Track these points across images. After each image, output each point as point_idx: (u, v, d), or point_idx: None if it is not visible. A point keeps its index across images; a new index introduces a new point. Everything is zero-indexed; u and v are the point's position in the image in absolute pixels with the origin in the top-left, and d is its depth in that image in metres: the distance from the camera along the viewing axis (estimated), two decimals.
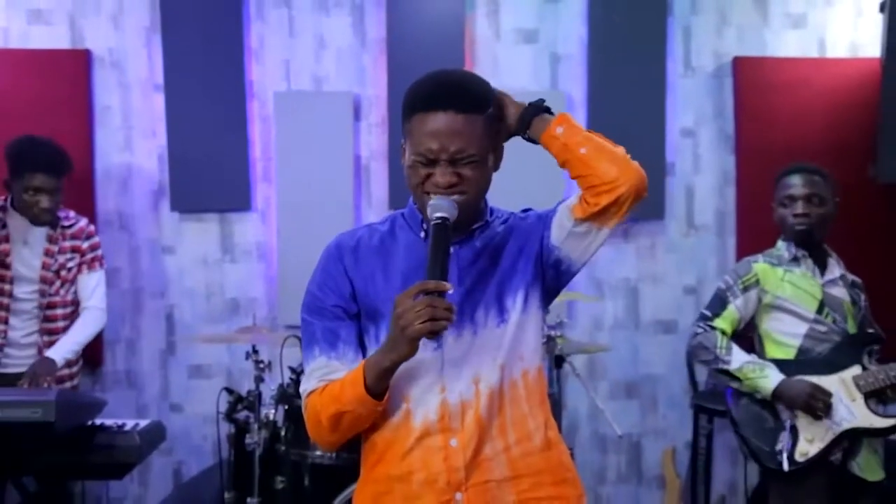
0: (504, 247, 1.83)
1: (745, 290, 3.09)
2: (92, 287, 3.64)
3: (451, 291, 1.61)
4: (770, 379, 2.97)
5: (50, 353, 3.50)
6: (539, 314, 1.83)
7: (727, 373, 3.03)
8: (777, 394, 2.96)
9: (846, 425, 2.95)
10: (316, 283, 1.83)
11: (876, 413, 2.99)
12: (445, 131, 1.68)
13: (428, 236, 1.75)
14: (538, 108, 1.80)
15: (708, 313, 3.12)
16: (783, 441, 2.96)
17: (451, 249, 1.73)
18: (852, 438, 2.98)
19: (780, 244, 3.18)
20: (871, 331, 3.13)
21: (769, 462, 2.99)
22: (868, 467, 3.01)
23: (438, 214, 1.67)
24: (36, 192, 3.44)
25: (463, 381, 1.75)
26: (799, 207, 3.07)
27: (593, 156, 1.75)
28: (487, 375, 1.75)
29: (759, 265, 3.12)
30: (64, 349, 3.53)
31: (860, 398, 2.98)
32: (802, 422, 2.96)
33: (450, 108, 1.69)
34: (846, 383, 3.00)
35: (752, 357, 3.05)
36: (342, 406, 1.70)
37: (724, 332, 3.07)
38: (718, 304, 3.12)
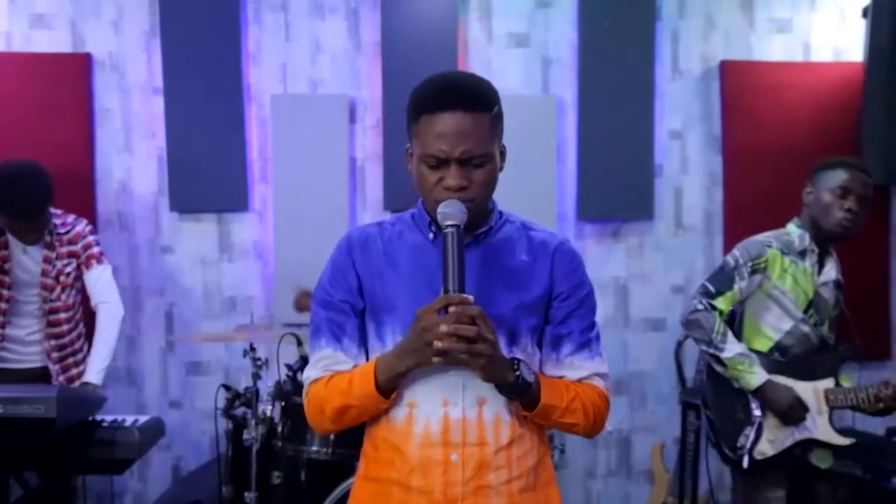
0: (531, 274, 1.81)
1: (753, 272, 3.01)
2: (94, 284, 3.66)
3: (471, 302, 1.61)
4: (757, 376, 2.97)
5: (87, 377, 3.56)
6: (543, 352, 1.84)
7: (716, 357, 3.02)
8: (758, 392, 2.98)
9: (806, 435, 3.01)
10: (326, 276, 1.85)
11: (835, 430, 3.03)
12: (454, 131, 1.67)
13: (437, 237, 1.77)
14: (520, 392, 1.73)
15: (711, 289, 3.03)
16: (747, 436, 3.00)
17: None
18: (808, 444, 3.04)
19: (794, 230, 3.08)
20: (844, 346, 3.13)
21: (730, 452, 3.04)
22: (821, 458, 3.06)
23: (450, 223, 1.66)
24: (13, 228, 3.51)
25: (467, 400, 1.75)
26: (854, 204, 2.97)
27: (557, 429, 1.87)
28: (493, 401, 1.75)
29: (773, 251, 3.02)
30: (97, 369, 3.58)
31: (826, 412, 3.02)
32: (770, 422, 3.00)
33: (457, 108, 1.68)
34: (818, 395, 3.03)
35: (744, 348, 3.02)
36: (349, 400, 1.75)
37: (721, 313, 3.02)
38: (725, 281, 3.03)
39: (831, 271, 3.11)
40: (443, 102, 1.70)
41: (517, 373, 1.68)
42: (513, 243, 1.84)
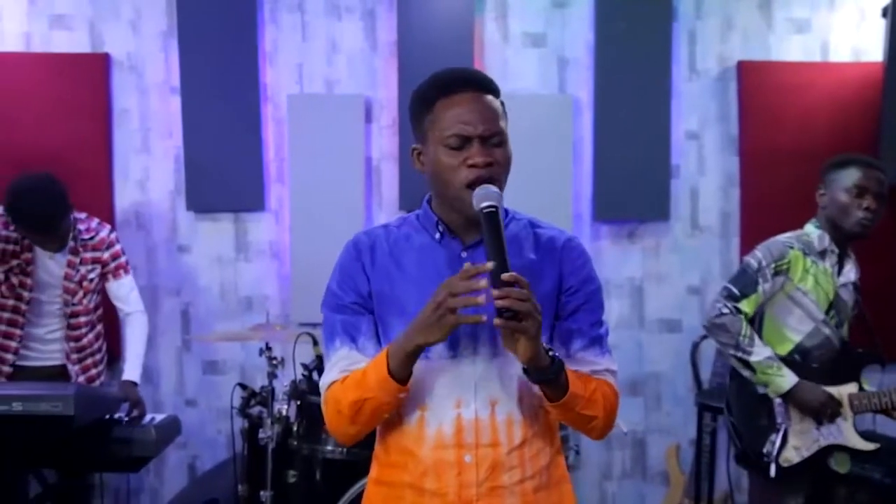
0: (540, 271, 1.79)
1: (776, 274, 2.98)
2: (125, 293, 3.71)
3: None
4: (786, 379, 2.93)
5: (127, 376, 3.60)
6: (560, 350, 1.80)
7: (744, 361, 2.97)
8: (789, 394, 2.94)
9: (832, 441, 2.98)
10: (335, 281, 1.83)
11: (860, 435, 3.01)
12: (475, 109, 1.70)
13: (443, 238, 1.78)
14: (550, 379, 1.68)
15: (736, 292, 2.99)
16: (773, 442, 2.97)
17: (464, 254, 1.77)
18: (828, 449, 3.01)
19: (813, 231, 3.05)
20: (866, 349, 3.10)
21: (755, 459, 3.01)
22: (840, 463, 3.03)
23: (487, 203, 1.64)
24: (32, 240, 3.54)
25: (479, 401, 1.74)
26: (871, 202, 2.94)
27: (575, 428, 1.83)
28: (505, 402, 1.75)
29: (795, 252, 2.99)
30: (135, 367, 3.63)
31: (850, 418, 3.00)
32: (795, 428, 2.98)
33: (473, 89, 1.73)
34: (842, 400, 3.01)
35: (771, 351, 2.98)
36: (364, 392, 1.70)
37: (746, 316, 2.97)
38: (749, 284, 2.98)
39: (850, 273, 3.09)
40: (459, 84, 1.73)
41: (551, 353, 1.66)
42: (520, 241, 1.82)
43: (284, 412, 3.35)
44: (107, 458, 3.20)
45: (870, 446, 2.99)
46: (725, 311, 2.98)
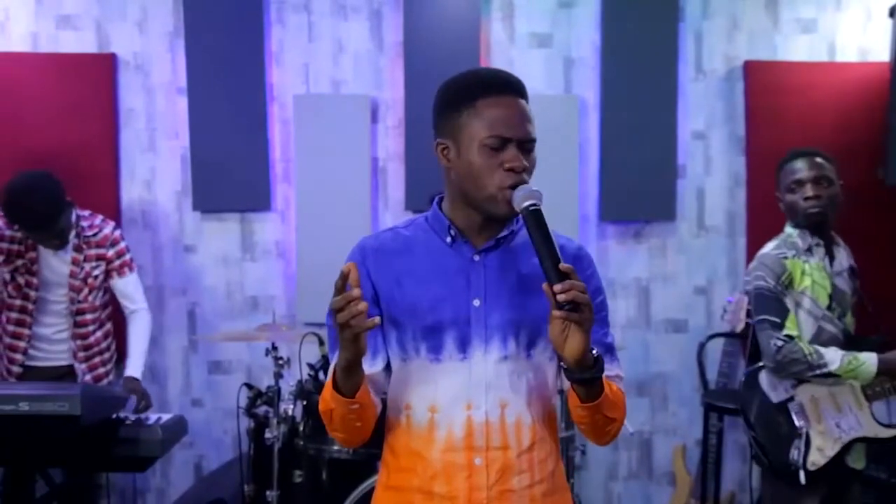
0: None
1: (785, 287, 2.95)
2: (130, 291, 3.72)
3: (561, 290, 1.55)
4: (869, 363, 2.87)
5: (129, 371, 3.62)
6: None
7: (826, 374, 2.89)
8: (881, 372, 2.89)
9: (854, 434, 2.94)
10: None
11: (880, 423, 2.98)
12: (517, 112, 1.72)
13: (455, 241, 1.77)
14: (589, 379, 1.66)
15: (777, 320, 2.92)
16: (798, 449, 2.93)
17: (477, 258, 1.77)
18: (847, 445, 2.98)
19: (792, 231, 3.03)
20: (872, 337, 3.06)
21: (781, 468, 2.96)
22: (857, 458, 3.01)
23: (530, 202, 1.66)
24: (32, 238, 3.54)
25: (490, 402, 1.74)
26: (809, 190, 2.94)
27: (590, 433, 1.80)
28: (515, 404, 1.75)
29: (791, 262, 2.96)
30: (138, 363, 3.66)
31: (866, 406, 2.97)
32: (816, 429, 2.94)
33: (514, 93, 1.74)
34: (855, 391, 2.98)
35: (838, 350, 2.91)
36: (326, 404, 1.73)
37: (798, 338, 2.91)
38: (779, 306, 2.94)
39: (843, 260, 3.07)
40: (503, 86, 1.74)
41: (594, 351, 1.65)
42: (530, 248, 1.79)
43: (290, 412, 3.35)
44: (113, 458, 3.18)
45: (890, 433, 2.96)
46: (779, 343, 2.91)
